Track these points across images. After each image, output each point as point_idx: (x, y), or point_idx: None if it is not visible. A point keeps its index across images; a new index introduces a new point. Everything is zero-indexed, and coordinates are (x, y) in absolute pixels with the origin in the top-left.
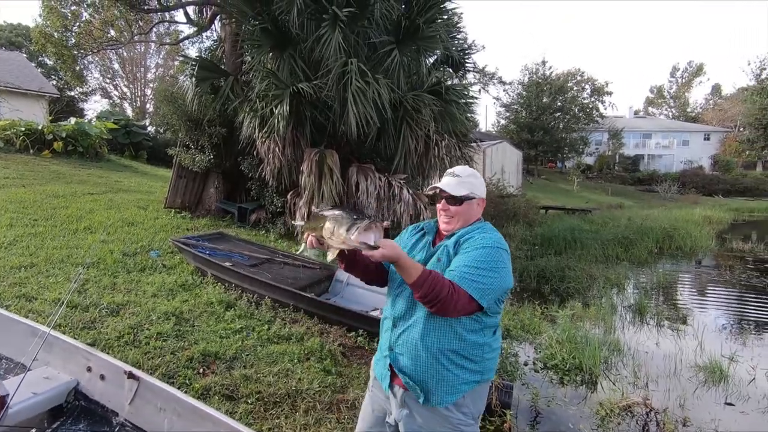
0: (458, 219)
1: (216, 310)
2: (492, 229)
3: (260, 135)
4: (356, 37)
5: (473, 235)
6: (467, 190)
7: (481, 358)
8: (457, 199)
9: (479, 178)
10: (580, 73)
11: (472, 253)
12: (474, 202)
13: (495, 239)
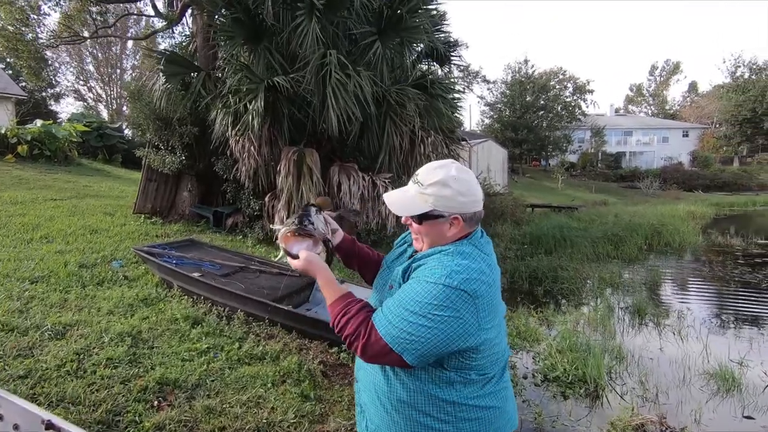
0: (424, 239)
1: (180, 327)
2: (462, 254)
3: (233, 133)
4: (335, 28)
5: (426, 262)
6: (429, 206)
7: (454, 419)
8: (414, 218)
9: (456, 185)
10: (562, 72)
11: (408, 288)
12: (442, 222)
13: (448, 272)
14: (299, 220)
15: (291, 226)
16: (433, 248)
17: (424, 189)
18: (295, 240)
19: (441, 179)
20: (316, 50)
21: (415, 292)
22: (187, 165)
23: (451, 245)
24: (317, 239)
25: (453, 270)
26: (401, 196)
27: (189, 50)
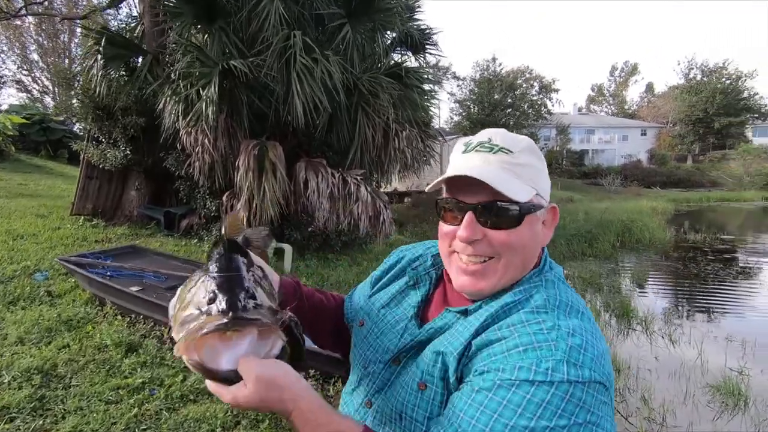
0: (506, 263)
1: (110, 357)
2: (565, 302)
3: (184, 124)
4: (300, 8)
5: (509, 334)
6: (530, 186)
7: None
8: (506, 213)
9: (542, 158)
10: (529, 71)
11: (490, 402)
12: (541, 215)
13: (566, 354)
14: (228, 303)
15: (202, 318)
16: (521, 287)
17: (517, 157)
18: (221, 342)
19: (530, 146)
20: (279, 31)
21: (516, 411)
22: (134, 160)
23: (538, 276)
24: (268, 325)
25: (572, 346)
26: (489, 162)
27: (137, 33)
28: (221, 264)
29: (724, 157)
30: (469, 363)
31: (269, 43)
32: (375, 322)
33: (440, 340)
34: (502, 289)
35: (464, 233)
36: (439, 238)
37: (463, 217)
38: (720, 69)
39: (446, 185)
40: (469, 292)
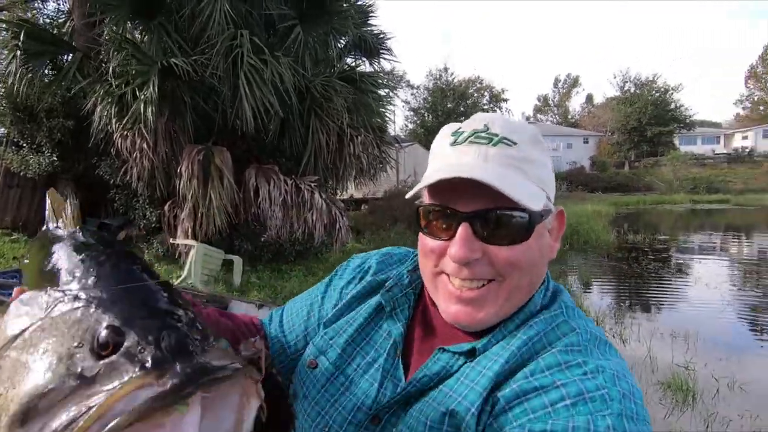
0: (511, 287)
1: None
2: (597, 337)
3: (119, 127)
4: (248, 7)
5: (556, 376)
6: (540, 187)
7: None
8: (511, 224)
9: (546, 149)
10: (480, 81)
11: None
12: (548, 222)
13: (619, 405)
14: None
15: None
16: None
17: (523, 151)
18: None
19: (536, 135)
20: (224, 30)
21: None
22: (62, 167)
23: (552, 300)
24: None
25: (624, 394)
26: (491, 156)
27: (66, 29)
28: (106, 270)
29: (657, 164)
30: (495, 422)
31: (214, 42)
32: (337, 365)
33: (442, 392)
34: (506, 317)
35: (459, 252)
36: (421, 254)
37: (456, 230)
38: (650, 82)
39: (430, 187)
40: (464, 325)
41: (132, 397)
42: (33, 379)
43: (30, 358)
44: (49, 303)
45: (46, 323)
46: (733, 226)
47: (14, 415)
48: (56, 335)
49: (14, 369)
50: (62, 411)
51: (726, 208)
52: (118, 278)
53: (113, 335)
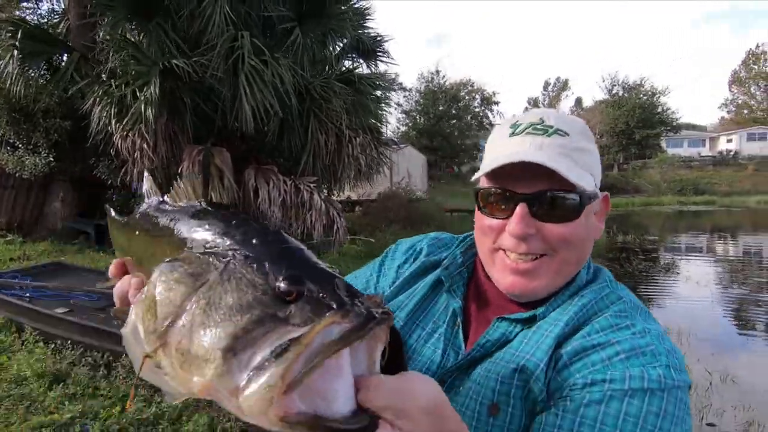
0: (562, 261)
1: (31, 390)
2: (634, 302)
3: (119, 127)
4: (247, 8)
5: (606, 341)
6: (589, 173)
7: None
8: (564, 204)
9: (594, 141)
10: (471, 83)
11: (612, 412)
12: (595, 205)
13: (666, 358)
14: (348, 291)
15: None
16: (588, 292)
17: (575, 141)
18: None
19: (585, 128)
20: (224, 32)
21: (637, 424)
22: (58, 168)
23: (597, 273)
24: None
25: (669, 350)
26: (542, 145)
27: (60, 29)
28: (262, 230)
29: (645, 166)
30: (559, 376)
31: (213, 43)
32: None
33: (508, 352)
34: (555, 290)
35: (517, 228)
36: (479, 232)
37: (513, 210)
38: (638, 86)
39: (489, 173)
40: (518, 294)
41: (326, 332)
42: (233, 320)
43: (223, 305)
44: (219, 261)
45: (226, 278)
46: (720, 226)
47: (225, 347)
48: (243, 286)
49: (208, 314)
50: (266, 344)
51: (712, 209)
52: (268, 239)
53: (294, 284)
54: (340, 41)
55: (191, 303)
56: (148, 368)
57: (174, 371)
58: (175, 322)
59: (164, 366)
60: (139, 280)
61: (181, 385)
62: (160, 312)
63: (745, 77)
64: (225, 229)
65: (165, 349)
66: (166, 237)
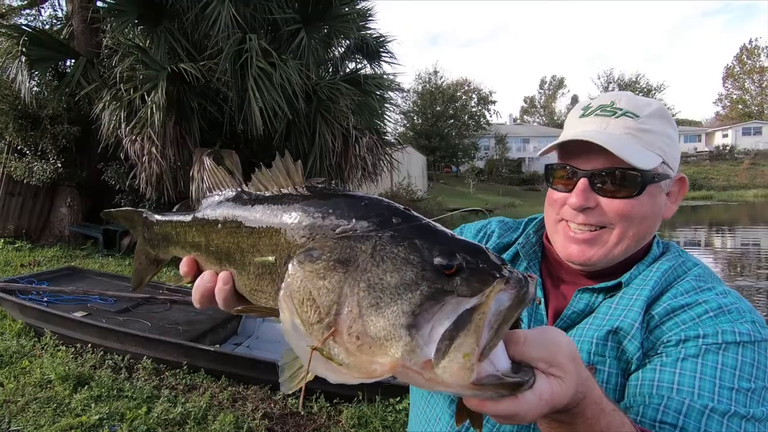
0: (619, 234)
1: (56, 393)
2: (707, 269)
3: (128, 131)
4: (252, 11)
5: (694, 296)
6: (656, 153)
7: None
8: (624, 182)
9: (674, 124)
10: (468, 83)
11: (710, 364)
12: (665, 185)
13: (751, 314)
14: (498, 259)
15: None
16: (667, 258)
17: (643, 123)
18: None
19: (661, 110)
20: (231, 35)
21: (734, 374)
22: (65, 174)
23: (665, 243)
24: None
25: (750, 308)
26: (614, 127)
27: (63, 35)
28: (393, 209)
29: None
30: (651, 335)
31: (220, 47)
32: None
33: (597, 318)
34: (613, 261)
35: (576, 200)
36: (547, 205)
37: (576, 184)
38: (633, 83)
39: (560, 150)
40: (577, 262)
41: (498, 300)
42: (404, 297)
43: (387, 285)
44: (364, 244)
45: (378, 259)
46: (718, 220)
47: (407, 324)
48: (400, 265)
49: (375, 296)
50: (443, 316)
51: (710, 204)
52: (405, 217)
53: (451, 258)
54: (345, 42)
55: (350, 288)
56: (316, 360)
57: (350, 357)
58: (341, 308)
59: (337, 354)
60: (227, 275)
61: (358, 370)
62: (319, 302)
63: (739, 72)
64: (356, 211)
65: (337, 337)
66: (273, 227)
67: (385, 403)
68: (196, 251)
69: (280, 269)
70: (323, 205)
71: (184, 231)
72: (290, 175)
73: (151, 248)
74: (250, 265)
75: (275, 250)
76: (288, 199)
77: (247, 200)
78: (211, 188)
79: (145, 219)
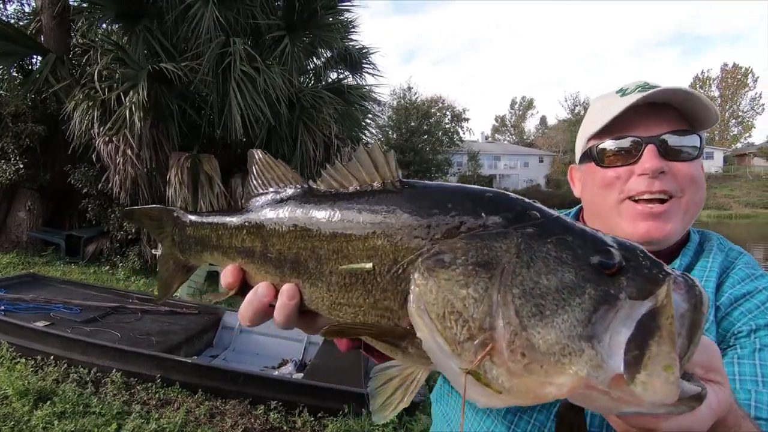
0: (689, 201)
1: (15, 410)
2: (746, 252)
3: (102, 131)
4: (236, 15)
5: (751, 284)
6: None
7: None
8: (689, 142)
9: None
10: (442, 100)
11: None
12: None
13: None
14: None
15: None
16: (717, 247)
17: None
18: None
19: None
20: (213, 37)
21: None
22: (27, 176)
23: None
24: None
25: None
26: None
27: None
28: (524, 203)
29: None
30: (720, 327)
31: (203, 49)
32: None
33: None
34: (683, 234)
35: (651, 164)
36: (601, 189)
37: (641, 153)
38: None
39: (603, 129)
40: (655, 239)
41: (674, 303)
42: (573, 303)
43: (546, 289)
44: (503, 243)
45: (527, 259)
46: None
47: (586, 335)
48: (555, 266)
49: (535, 303)
50: (618, 322)
51: None
52: (542, 212)
53: (610, 257)
54: (327, 53)
55: (501, 295)
56: (470, 384)
57: (514, 379)
58: (495, 321)
59: (496, 377)
60: (293, 288)
61: (523, 394)
62: (466, 315)
63: None
64: (482, 206)
65: (494, 356)
66: (369, 228)
67: None
68: (246, 258)
69: (380, 278)
70: (436, 199)
71: (229, 234)
72: (378, 169)
73: (181, 253)
74: (332, 274)
75: (374, 256)
76: (385, 195)
77: (324, 198)
78: (265, 185)
79: (176, 219)
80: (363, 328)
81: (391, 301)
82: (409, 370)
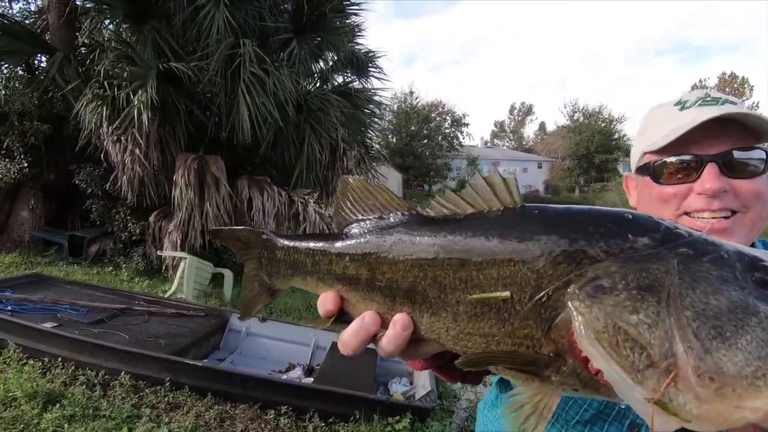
0: (754, 217)
1: (23, 413)
2: None
3: (110, 130)
4: (245, 16)
5: None
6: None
7: None
8: (752, 160)
9: None
10: (442, 105)
11: None
12: None
13: None
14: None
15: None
16: None
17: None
18: None
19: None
20: (224, 38)
21: None
22: (31, 175)
23: None
24: None
25: None
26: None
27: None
28: (675, 223)
29: (604, 188)
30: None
31: (212, 49)
32: None
33: None
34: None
35: (711, 185)
36: (659, 204)
37: (701, 171)
38: (596, 113)
39: (664, 147)
40: None
41: None
42: (749, 322)
43: (717, 310)
44: (660, 264)
45: (690, 280)
46: None
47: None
48: (718, 284)
49: (711, 324)
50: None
51: None
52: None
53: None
54: (334, 56)
55: (674, 319)
56: (656, 413)
57: (703, 405)
58: (673, 346)
59: (683, 402)
60: (407, 318)
61: (713, 420)
62: (643, 342)
63: None
64: (625, 227)
65: (679, 383)
66: (502, 255)
67: (384, 422)
68: (347, 286)
69: (520, 306)
70: (575, 222)
71: (328, 261)
72: (498, 195)
73: (268, 276)
74: (459, 304)
75: (511, 284)
76: (514, 220)
77: (444, 224)
78: (365, 211)
79: (266, 242)
80: (505, 357)
81: (532, 329)
82: (539, 396)
